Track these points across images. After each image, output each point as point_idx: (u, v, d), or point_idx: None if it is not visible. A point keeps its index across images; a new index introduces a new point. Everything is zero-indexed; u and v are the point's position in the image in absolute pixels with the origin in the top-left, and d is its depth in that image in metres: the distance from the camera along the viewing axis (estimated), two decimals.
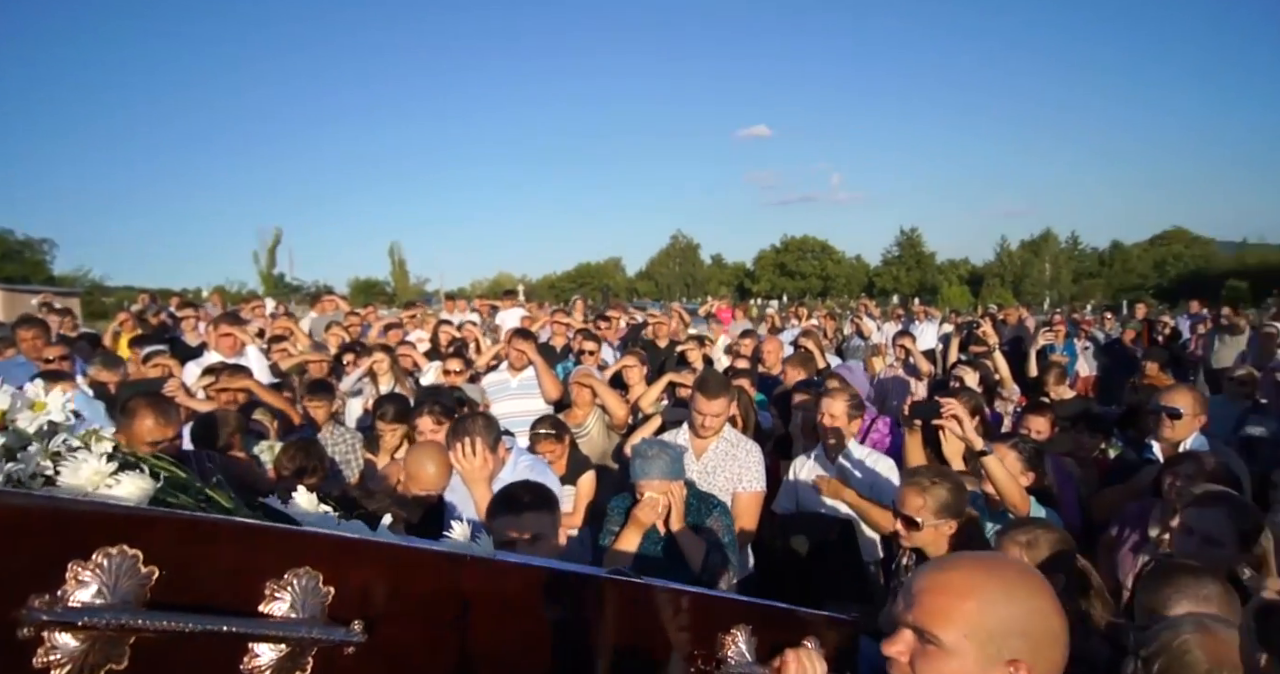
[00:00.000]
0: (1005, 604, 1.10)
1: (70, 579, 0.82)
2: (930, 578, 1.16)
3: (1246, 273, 42.66)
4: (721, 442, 3.60)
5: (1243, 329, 8.75)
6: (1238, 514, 2.28)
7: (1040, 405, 4.15)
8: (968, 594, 1.11)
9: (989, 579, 1.14)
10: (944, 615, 1.11)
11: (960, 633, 1.09)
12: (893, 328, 11.31)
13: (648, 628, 1.28)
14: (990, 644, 1.08)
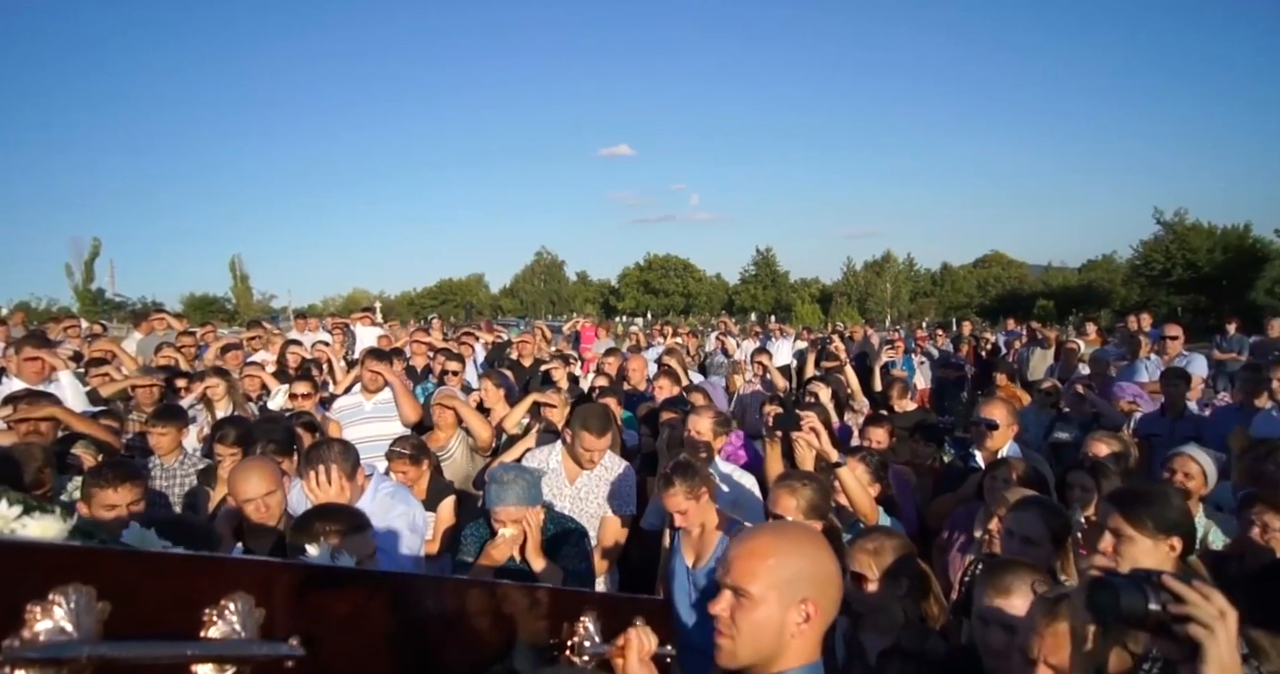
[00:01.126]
0: (796, 559, 1.44)
1: (30, 618, 0.85)
2: (739, 547, 1.48)
3: (1052, 293, 47.99)
4: (597, 467, 3.62)
5: (1052, 343, 9.80)
6: (1049, 516, 2.54)
7: (879, 417, 4.46)
8: (768, 555, 1.44)
9: (782, 541, 1.49)
10: (751, 574, 1.42)
11: (765, 585, 1.41)
12: (751, 345, 11.76)
13: (513, 622, 1.48)
14: (787, 590, 1.41)
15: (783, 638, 1.40)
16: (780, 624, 1.40)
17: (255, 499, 2.71)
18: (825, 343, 6.80)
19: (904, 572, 2.23)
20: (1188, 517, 2.05)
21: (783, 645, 1.41)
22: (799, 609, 1.41)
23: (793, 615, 1.41)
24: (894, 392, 5.88)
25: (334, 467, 2.73)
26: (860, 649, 2.22)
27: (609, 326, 13.41)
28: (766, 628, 1.40)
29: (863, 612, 2.24)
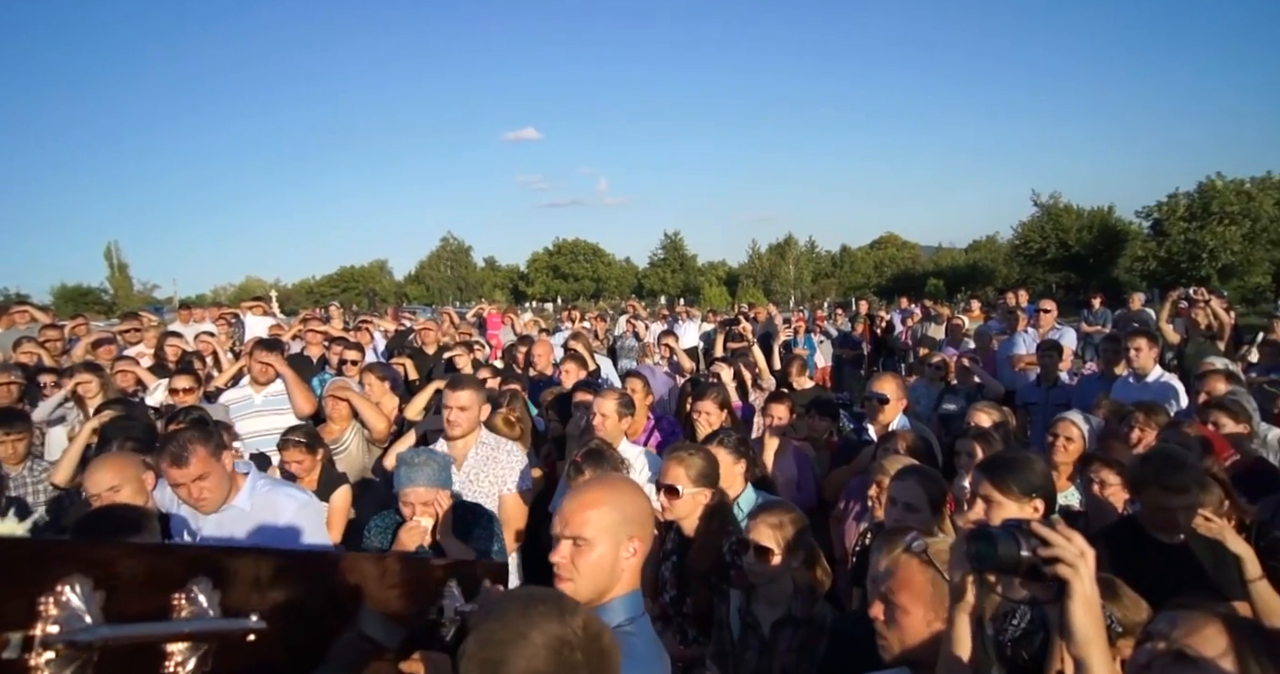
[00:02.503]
0: (621, 504, 1.69)
1: (46, 607, 0.96)
2: (570, 502, 1.70)
3: (942, 273, 50.55)
4: (480, 446, 3.56)
5: (944, 320, 10.31)
6: (928, 483, 2.68)
7: (780, 394, 4.59)
8: (597, 504, 1.67)
9: (607, 491, 1.74)
10: (584, 522, 1.64)
11: (597, 529, 1.64)
12: (659, 328, 11.87)
13: (391, 591, 1.61)
14: (617, 531, 1.65)
15: (615, 573, 1.64)
16: (614, 561, 1.64)
17: (99, 493, 2.69)
18: (732, 324, 6.91)
19: (801, 544, 2.31)
20: (1049, 480, 2.21)
21: (615, 579, 1.64)
22: (628, 546, 1.66)
23: (623, 552, 1.65)
24: (793, 369, 6.07)
25: (198, 447, 2.64)
26: (754, 621, 2.29)
27: (515, 312, 13.22)
28: (602, 567, 1.63)
29: (759, 584, 2.30)
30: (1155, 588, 2.39)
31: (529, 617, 1.20)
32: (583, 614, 1.26)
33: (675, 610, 2.79)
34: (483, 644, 1.18)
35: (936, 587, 1.65)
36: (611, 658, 1.25)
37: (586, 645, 1.21)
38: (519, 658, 1.15)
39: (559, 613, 1.22)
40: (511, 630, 1.18)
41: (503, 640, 1.17)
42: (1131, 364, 5.19)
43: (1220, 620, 1.26)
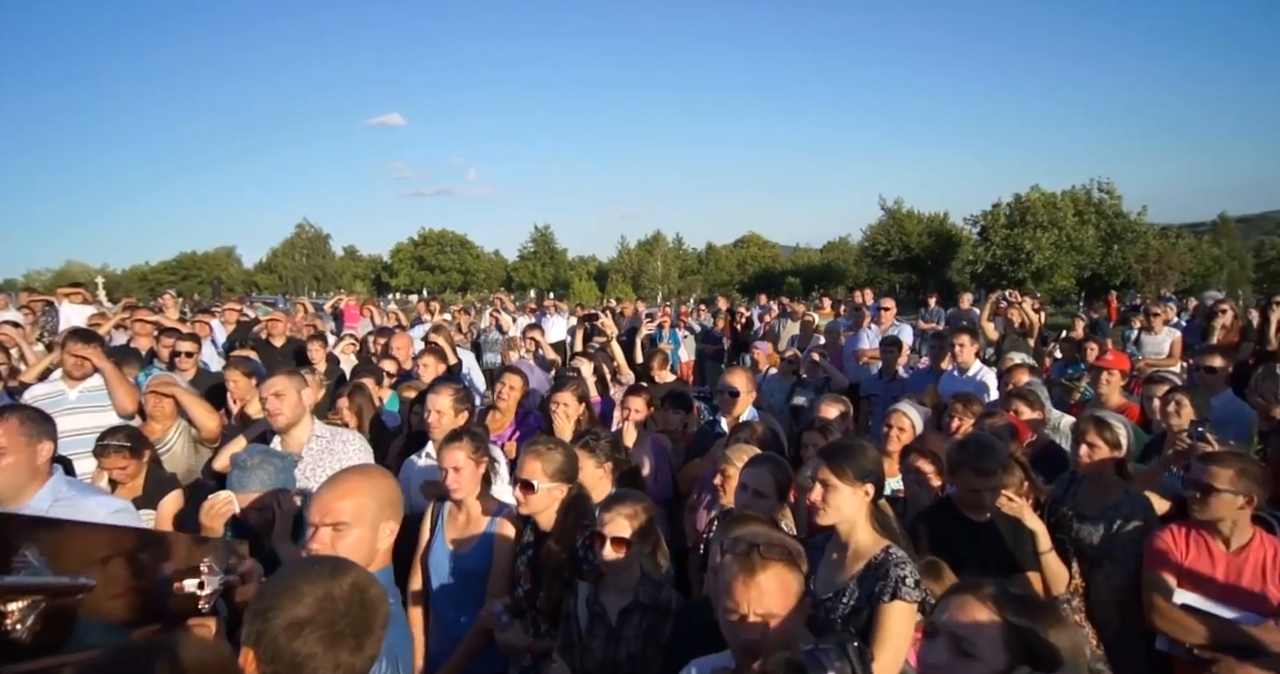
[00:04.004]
0: (375, 491, 1.89)
1: None
2: (326, 492, 1.87)
3: (800, 272, 53.27)
4: (315, 440, 3.42)
5: (799, 316, 10.84)
6: (777, 471, 2.84)
7: (638, 388, 4.67)
8: (353, 492, 1.86)
9: (362, 479, 1.92)
10: (341, 509, 1.83)
11: (353, 515, 1.83)
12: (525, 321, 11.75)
13: (149, 564, 1.76)
14: (373, 516, 1.86)
15: (371, 553, 1.82)
16: (371, 542, 1.83)
17: None
18: (592, 319, 6.96)
19: (651, 532, 2.37)
20: (879, 466, 2.39)
21: (371, 558, 1.81)
22: (384, 528, 1.87)
23: (380, 534, 1.86)
24: (655, 363, 6.20)
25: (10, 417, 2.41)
26: (602, 610, 2.33)
27: (375, 304, 12.67)
28: (360, 548, 1.79)
29: (609, 573, 2.35)
30: (966, 562, 2.65)
31: (304, 574, 1.38)
32: (354, 575, 1.41)
33: (529, 604, 2.79)
34: (260, 596, 1.37)
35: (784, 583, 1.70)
36: (375, 609, 1.40)
37: (350, 597, 1.36)
38: (287, 604, 1.32)
39: (331, 571, 1.39)
40: (285, 584, 1.35)
41: (277, 592, 1.34)
42: (956, 359, 5.69)
43: (986, 598, 1.41)
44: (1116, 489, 3.14)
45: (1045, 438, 4.15)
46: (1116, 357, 5.68)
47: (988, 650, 1.36)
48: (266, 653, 1.30)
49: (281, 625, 1.30)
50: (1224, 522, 2.66)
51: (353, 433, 3.65)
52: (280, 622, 1.31)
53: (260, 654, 1.31)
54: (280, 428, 3.38)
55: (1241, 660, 2.51)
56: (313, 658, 1.31)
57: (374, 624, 1.39)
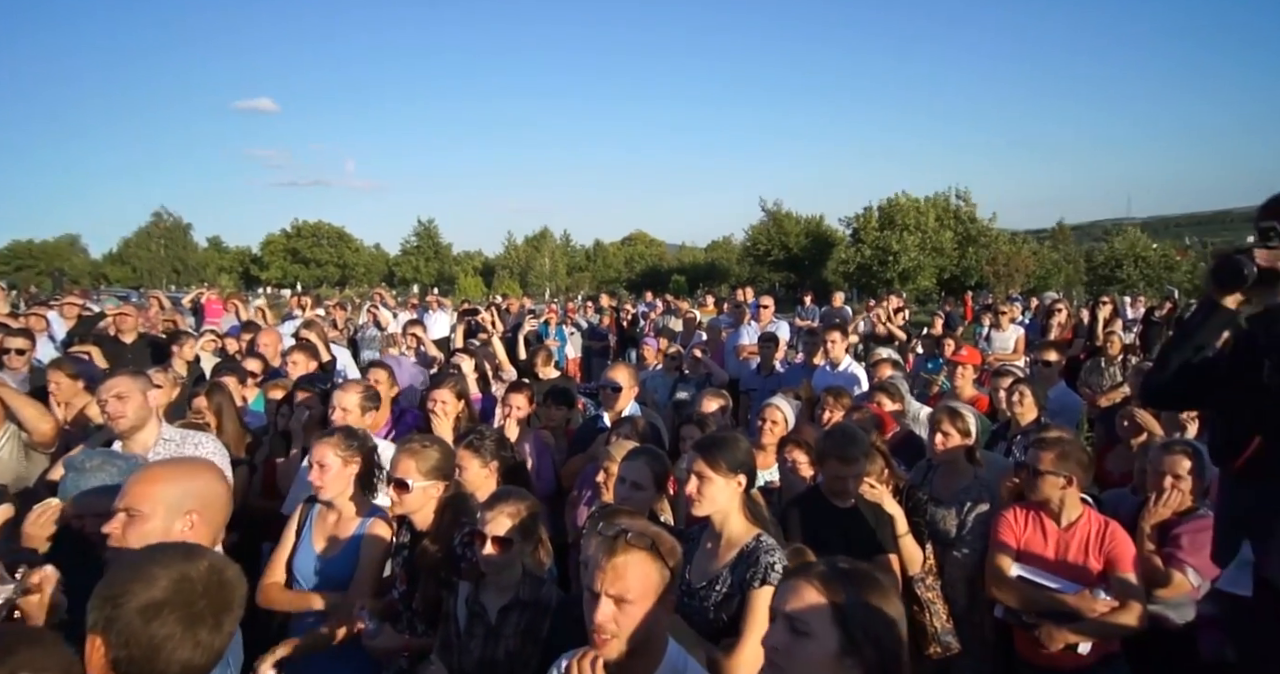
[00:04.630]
0: (181, 483, 1.92)
1: None
2: (134, 479, 1.92)
3: (685, 270, 54.30)
4: (163, 443, 3.20)
5: (684, 314, 11.07)
6: (654, 463, 2.89)
7: (519, 384, 4.63)
8: (158, 479, 1.91)
9: (169, 469, 1.99)
10: (142, 496, 1.87)
11: (153, 503, 1.87)
12: (407, 317, 11.38)
13: None
14: (174, 506, 1.88)
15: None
16: (165, 532, 1.82)
17: None
18: (472, 315, 6.82)
19: (534, 529, 2.36)
20: (750, 457, 2.48)
21: None
22: (184, 520, 1.88)
23: (178, 525, 1.86)
24: (539, 360, 6.16)
25: None
26: (481, 609, 2.30)
27: (243, 298, 11.87)
28: (152, 537, 1.78)
29: (489, 572, 2.31)
30: (833, 546, 2.79)
31: (156, 558, 1.38)
32: (210, 557, 1.44)
33: (405, 606, 2.73)
34: (108, 584, 1.35)
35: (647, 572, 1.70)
36: (233, 589, 1.43)
37: (207, 578, 1.39)
38: (140, 588, 1.32)
39: (185, 555, 1.42)
40: (136, 570, 1.35)
41: (127, 579, 1.34)
42: (828, 354, 5.98)
43: (814, 578, 1.46)
44: (966, 474, 3.40)
45: (906, 428, 4.43)
46: (970, 352, 6.15)
47: (820, 628, 1.40)
48: (119, 637, 1.31)
49: (136, 609, 1.31)
50: (1052, 501, 2.93)
51: (206, 435, 3.42)
52: (134, 605, 1.31)
53: (111, 639, 1.31)
54: (123, 431, 3.13)
55: (1060, 625, 2.78)
56: (170, 638, 1.33)
57: (233, 602, 1.42)
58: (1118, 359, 7.12)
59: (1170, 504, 3.00)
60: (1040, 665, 2.90)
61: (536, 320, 8.16)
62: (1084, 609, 2.78)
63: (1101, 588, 2.80)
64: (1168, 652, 2.89)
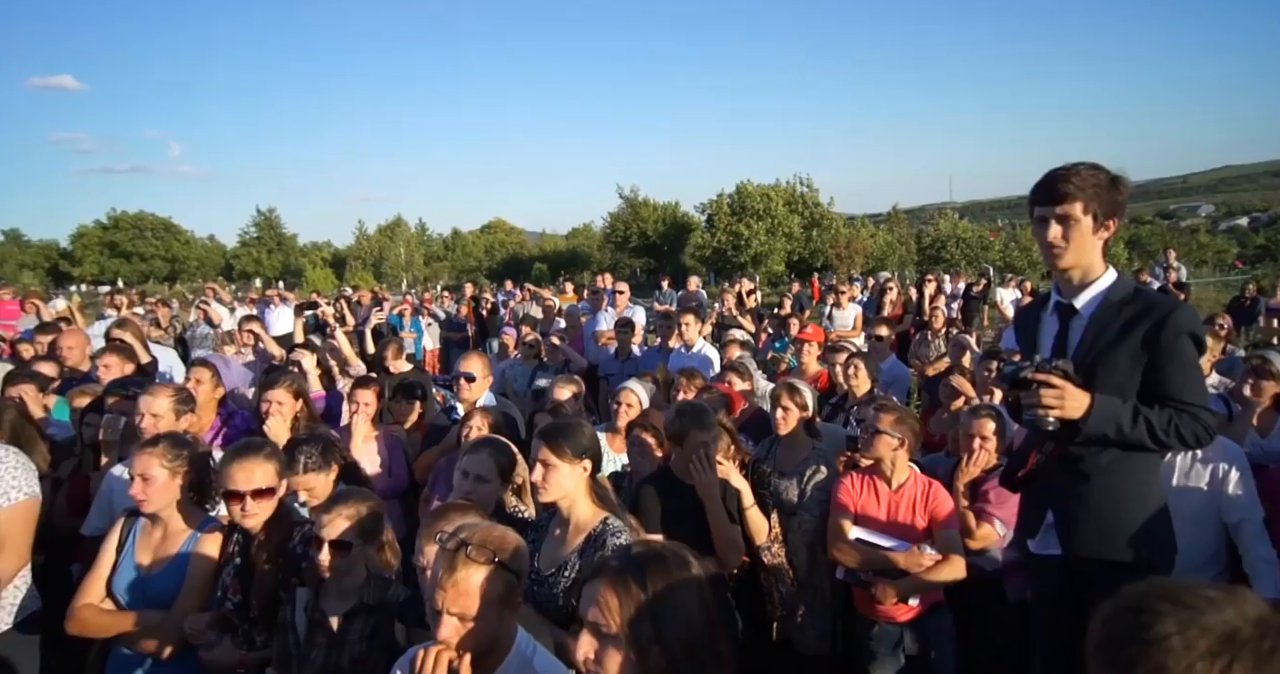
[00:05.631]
0: None
1: None
2: None
3: (546, 257, 53.92)
4: None
5: (544, 301, 10.93)
6: (498, 455, 2.84)
7: (367, 379, 4.41)
8: None
9: None
10: None
11: None
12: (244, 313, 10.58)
13: None
14: None
15: None
16: None
17: None
18: (311, 308, 6.42)
19: (376, 530, 2.25)
20: (595, 442, 2.49)
21: None
22: None
23: None
24: (388, 353, 5.90)
25: None
26: (322, 617, 2.18)
27: (41, 297, 10.55)
28: None
29: (329, 577, 2.20)
30: (683, 523, 2.87)
31: None
32: None
33: (241, 617, 2.56)
34: None
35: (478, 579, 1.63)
36: None
37: None
38: None
39: None
40: None
41: None
42: (682, 337, 6.13)
43: (611, 575, 1.37)
44: (806, 446, 3.59)
45: (755, 405, 4.62)
46: (814, 330, 6.49)
47: (617, 627, 1.33)
48: None
49: None
50: (884, 461, 3.16)
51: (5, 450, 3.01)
52: None
53: None
54: None
55: (893, 580, 3.02)
56: None
57: None
58: (941, 332, 7.76)
59: (979, 463, 3.31)
60: (877, 619, 3.14)
61: (384, 312, 7.80)
62: (913, 565, 3.02)
63: (927, 544, 3.06)
64: (980, 595, 3.19)
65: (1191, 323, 2.13)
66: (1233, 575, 2.94)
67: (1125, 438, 2.10)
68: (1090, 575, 2.21)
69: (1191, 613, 0.80)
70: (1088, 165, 2.16)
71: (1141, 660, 0.79)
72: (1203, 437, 2.11)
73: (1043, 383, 2.11)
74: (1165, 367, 2.10)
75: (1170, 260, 14.68)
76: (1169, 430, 2.09)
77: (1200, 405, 2.11)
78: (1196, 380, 2.16)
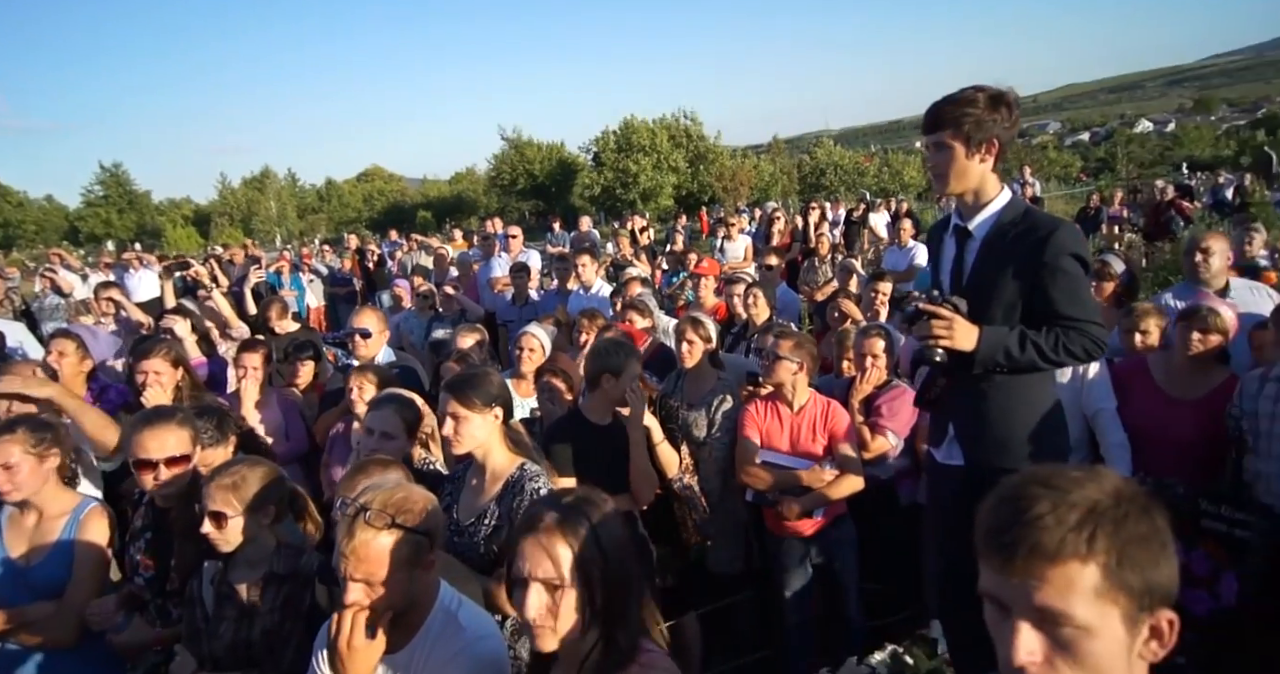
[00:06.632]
0: None
1: None
2: None
3: (430, 204, 51.87)
4: None
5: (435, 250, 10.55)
6: (404, 410, 2.78)
7: (253, 343, 4.17)
8: None
9: None
10: None
11: None
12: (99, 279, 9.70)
13: None
14: None
15: None
16: None
17: None
18: (181, 269, 5.94)
19: (269, 498, 2.16)
20: (504, 390, 2.46)
21: None
22: None
23: None
24: (273, 313, 5.59)
25: None
26: (230, 590, 2.10)
27: None
28: None
29: (229, 550, 2.11)
30: (597, 463, 2.91)
31: None
32: None
33: (156, 590, 2.47)
34: None
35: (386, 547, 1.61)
36: None
37: None
38: None
39: None
40: None
41: None
42: (580, 278, 6.09)
43: (552, 526, 1.41)
44: (711, 377, 3.69)
45: (657, 341, 4.69)
46: (710, 264, 6.59)
47: (569, 575, 1.38)
48: None
49: None
50: (785, 386, 3.29)
51: None
52: None
53: None
54: None
55: (799, 498, 3.20)
56: None
57: None
58: (828, 257, 8.05)
59: (871, 380, 3.51)
60: (786, 536, 3.32)
61: (262, 270, 7.35)
62: (816, 482, 3.20)
63: (828, 461, 3.25)
64: (876, 502, 3.43)
65: (1074, 241, 2.19)
66: (1093, 460, 3.28)
67: (1016, 363, 2.18)
68: (989, 482, 2.37)
69: (1061, 493, 0.91)
70: (968, 89, 2.19)
71: (1022, 540, 0.89)
72: (1093, 350, 2.18)
73: (932, 313, 2.20)
74: (1050, 286, 2.17)
75: (1026, 176, 15.69)
76: (1057, 349, 2.16)
77: (1088, 320, 2.17)
78: (1082, 296, 2.21)
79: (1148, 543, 0.90)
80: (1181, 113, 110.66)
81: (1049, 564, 0.88)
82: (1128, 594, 0.88)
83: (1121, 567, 0.88)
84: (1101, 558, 0.87)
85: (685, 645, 3.23)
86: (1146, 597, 0.89)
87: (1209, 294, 3.85)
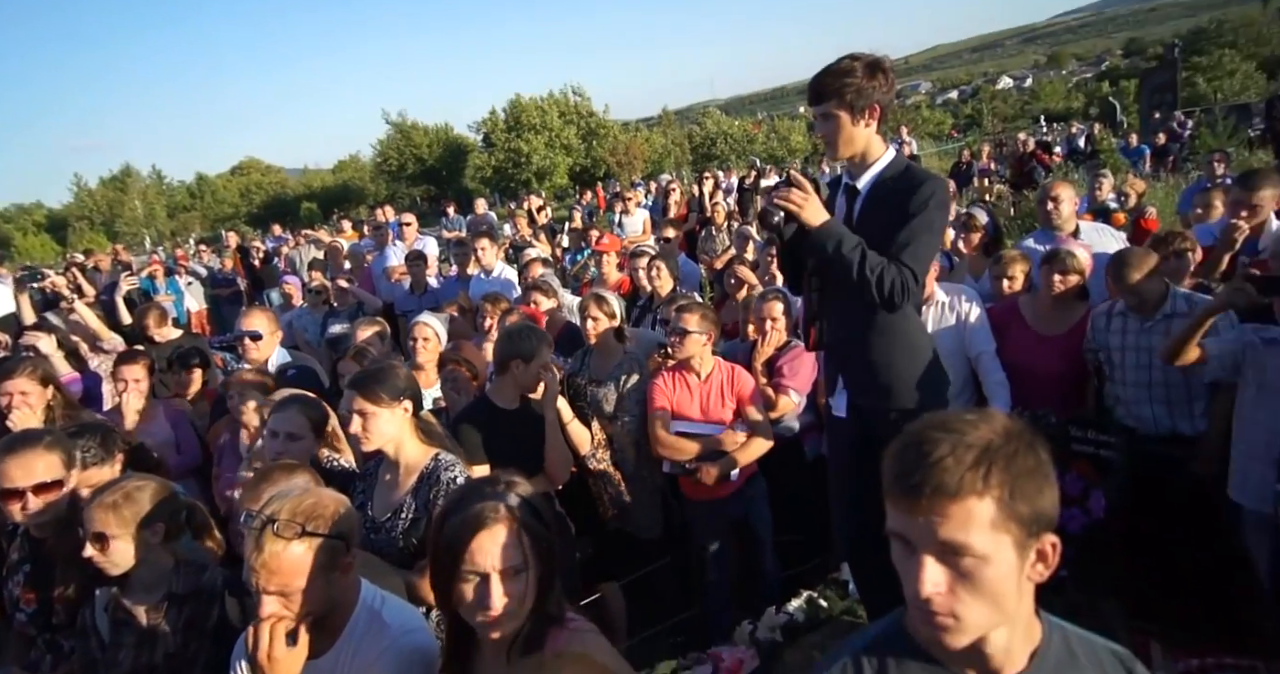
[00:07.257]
0: None
1: None
2: None
3: (314, 195, 49.44)
4: None
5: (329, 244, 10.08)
6: (309, 410, 2.69)
7: (133, 354, 3.91)
8: None
9: None
10: None
11: None
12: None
13: None
14: None
15: None
16: None
17: None
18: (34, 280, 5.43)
19: (158, 515, 2.06)
20: (412, 382, 2.43)
21: None
22: None
23: None
24: (150, 320, 5.23)
25: None
26: (126, 615, 2.00)
27: None
28: None
29: (117, 573, 2.01)
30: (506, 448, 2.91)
31: None
32: None
33: (41, 625, 2.32)
34: None
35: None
36: None
37: None
38: None
39: None
40: None
41: None
42: (480, 262, 6.00)
43: (501, 512, 1.46)
44: (617, 352, 3.73)
45: (563, 320, 4.69)
46: (611, 239, 6.62)
47: (530, 558, 1.44)
48: None
49: None
50: (694, 358, 3.37)
51: None
52: None
53: None
54: None
55: (713, 462, 3.29)
56: None
57: None
58: (724, 225, 8.22)
59: (772, 342, 3.63)
60: (703, 500, 3.42)
61: (134, 276, 6.87)
62: (728, 445, 3.31)
63: (739, 424, 3.35)
64: (782, 458, 3.58)
65: (939, 194, 2.31)
66: (978, 399, 3.53)
67: (841, 257, 2.25)
68: (879, 427, 2.47)
69: (958, 435, 0.99)
70: (845, 59, 2.28)
71: (926, 481, 0.97)
72: (898, 294, 2.24)
73: (798, 183, 2.32)
74: (904, 228, 2.28)
75: (904, 136, 16.44)
76: (876, 270, 2.22)
77: (913, 270, 2.24)
78: (923, 248, 2.29)
79: (1034, 475, 0.99)
80: (1037, 69, 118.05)
81: (950, 501, 0.95)
82: (1018, 523, 0.97)
83: (1013, 499, 0.96)
84: (996, 492, 0.96)
85: (610, 614, 3.30)
86: (1034, 524, 0.98)
87: (1065, 238, 4.18)
